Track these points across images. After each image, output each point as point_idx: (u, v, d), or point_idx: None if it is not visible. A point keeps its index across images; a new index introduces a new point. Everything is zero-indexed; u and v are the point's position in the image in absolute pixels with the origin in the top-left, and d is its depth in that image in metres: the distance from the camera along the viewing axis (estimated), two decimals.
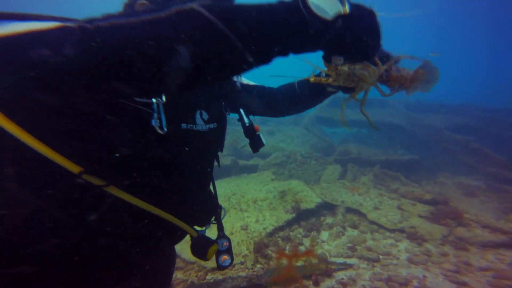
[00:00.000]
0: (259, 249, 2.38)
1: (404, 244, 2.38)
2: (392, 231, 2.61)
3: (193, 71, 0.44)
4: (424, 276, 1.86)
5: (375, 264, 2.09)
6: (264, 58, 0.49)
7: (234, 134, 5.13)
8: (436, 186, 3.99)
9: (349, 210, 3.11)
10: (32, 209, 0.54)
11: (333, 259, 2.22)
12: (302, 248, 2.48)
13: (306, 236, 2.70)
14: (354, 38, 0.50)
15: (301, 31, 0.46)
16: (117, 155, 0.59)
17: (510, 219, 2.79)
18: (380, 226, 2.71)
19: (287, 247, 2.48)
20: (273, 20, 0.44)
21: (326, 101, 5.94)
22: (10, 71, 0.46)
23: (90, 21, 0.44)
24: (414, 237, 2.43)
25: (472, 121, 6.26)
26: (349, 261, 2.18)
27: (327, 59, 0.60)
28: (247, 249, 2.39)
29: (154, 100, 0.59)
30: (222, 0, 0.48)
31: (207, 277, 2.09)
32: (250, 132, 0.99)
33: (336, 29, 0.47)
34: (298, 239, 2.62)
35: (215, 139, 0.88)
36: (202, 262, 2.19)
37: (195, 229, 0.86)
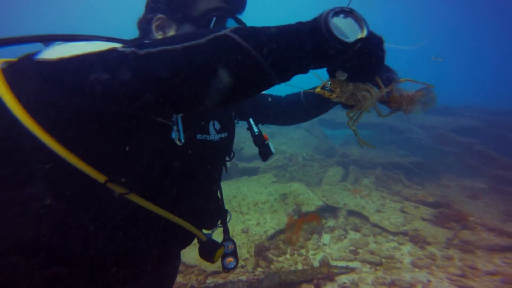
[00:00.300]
0: (260, 252, 2.35)
1: (407, 248, 2.33)
2: (395, 234, 2.57)
3: (227, 91, 0.49)
4: (429, 281, 1.82)
5: (378, 267, 2.05)
6: (287, 78, 0.54)
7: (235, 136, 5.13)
8: (440, 189, 3.94)
9: (351, 212, 3.06)
10: (63, 215, 0.59)
11: (335, 263, 2.18)
12: (303, 251, 2.44)
13: (307, 239, 2.66)
14: (365, 61, 0.56)
15: (323, 54, 0.51)
16: (138, 165, 0.65)
17: None
18: (383, 229, 2.67)
19: (288, 250, 2.45)
20: (299, 45, 0.49)
21: None
22: (69, 91, 0.51)
23: (140, 46, 0.49)
24: (418, 240, 2.39)
25: (476, 123, 6.19)
26: (351, 264, 2.14)
27: (331, 72, 0.64)
28: (248, 252, 2.36)
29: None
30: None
31: (207, 281, 2.07)
32: (260, 141, 1.03)
33: (354, 51, 0.51)
34: (300, 242, 2.58)
35: (226, 148, 0.93)
36: (202, 266, 2.16)
37: (203, 233, 0.90)
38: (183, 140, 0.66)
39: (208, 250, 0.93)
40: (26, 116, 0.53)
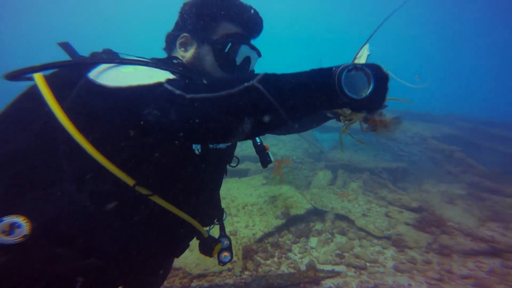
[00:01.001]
0: (248, 255, 2.35)
1: (390, 252, 2.42)
2: (379, 238, 2.65)
3: (249, 133, 0.61)
4: (409, 285, 1.89)
5: (362, 271, 2.11)
6: (298, 121, 0.65)
7: None
8: (422, 194, 4.11)
9: (338, 216, 3.13)
10: (94, 213, 0.70)
11: (321, 267, 2.22)
12: (291, 254, 2.47)
13: (295, 242, 2.69)
14: (368, 105, 0.64)
15: (333, 105, 0.61)
16: (161, 171, 0.76)
17: (490, 227, 2.91)
18: (368, 233, 2.75)
19: (276, 254, 2.46)
20: (315, 99, 0.59)
21: None
22: (124, 119, 0.63)
23: (186, 87, 0.60)
24: (400, 244, 2.48)
25: (457, 131, 6.53)
26: (337, 268, 2.18)
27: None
28: (236, 255, 2.35)
29: None
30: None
31: (192, 284, 2.04)
32: (261, 150, 1.15)
33: (364, 101, 0.59)
34: (287, 245, 2.60)
35: (230, 154, 1.05)
36: (187, 269, 2.13)
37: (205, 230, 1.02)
38: (200, 150, 0.81)
39: (208, 246, 1.06)
40: (72, 127, 0.65)
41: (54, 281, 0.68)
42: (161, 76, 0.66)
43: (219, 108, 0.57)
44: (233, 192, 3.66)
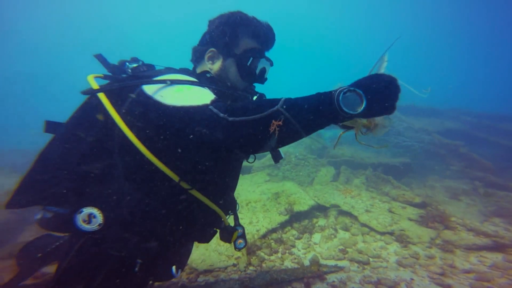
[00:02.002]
0: (252, 251, 2.39)
1: (393, 247, 2.44)
2: (382, 233, 2.67)
3: (275, 146, 0.76)
4: (412, 279, 1.92)
5: (365, 266, 2.14)
6: (311, 134, 0.80)
7: None
8: (426, 189, 4.10)
9: (341, 212, 3.16)
10: (146, 204, 0.88)
11: (325, 262, 2.26)
12: (294, 250, 2.51)
13: (298, 238, 2.73)
14: (374, 111, 0.75)
15: (337, 120, 0.75)
16: (200, 170, 0.92)
17: (494, 222, 2.91)
18: (371, 229, 2.77)
19: (280, 249, 2.51)
20: (322, 116, 0.73)
21: None
22: (179, 131, 0.79)
23: (228, 111, 0.74)
24: (403, 240, 2.50)
25: (461, 126, 6.45)
26: (340, 263, 2.22)
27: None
28: (240, 251, 2.39)
29: None
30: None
31: (199, 279, 2.09)
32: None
33: (359, 115, 0.72)
34: (291, 241, 2.64)
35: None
36: (193, 264, 2.19)
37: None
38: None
39: (228, 233, 1.22)
40: (131, 134, 0.82)
41: (119, 262, 0.85)
42: (205, 96, 0.81)
43: (253, 128, 0.72)
44: (237, 189, 3.70)
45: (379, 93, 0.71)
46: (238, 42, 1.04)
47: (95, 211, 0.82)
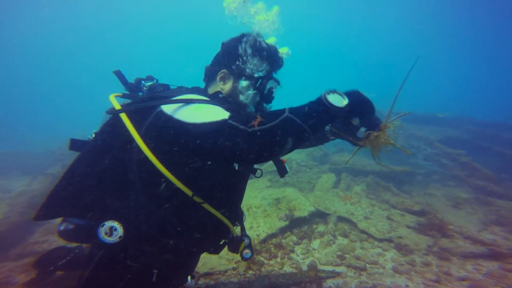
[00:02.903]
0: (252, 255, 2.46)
1: (390, 254, 2.47)
2: (380, 240, 2.71)
3: (289, 149, 0.86)
4: (407, 285, 1.96)
5: (362, 272, 2.18)
6: (316, 133, 0.92)
7: None
8: (426, 197, 4.11)
9: (340, 219, 3.20)
10: (162, 217, 0.94)
11: (323, 267, 2.30)
12: (293, 255, 2.56)
13: (298, 244, 2.78)
14: (358, 111, 0.94)
15: (331, 115, 0.88)
16: (211, 184, 0.99)
17: (493, 230, 2.91)
18: (370, 236, 2.81)
19: (279, 254, 2.56)
20: (320, 115, 0.87)
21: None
22: (197, 147, 0.84)
23: (246, 122, 0.82)
24: (401, 247, 2.53)
25: (464, 135, 6.44)
26: (337, 269, 2.26)
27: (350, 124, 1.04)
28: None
29: None
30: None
31: (199, 282, 2.16)
32: (279, 162, 1.34)
33: (346, 109, 0.87)
34: (290, 246, 2.70)
35: (253, 166, 1.30)
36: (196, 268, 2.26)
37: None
38: (239, 167, 1.07)
39: (236, 244, 1.29)
40: (149, 151, 0.89)
41: (137, 272, 0.91)
42: (222, 112, 0.88)
43: (272, 135, 0.81)
44: None
45: (352, 94, 0.90)
46: (248, 64, 1.13)
47: (116, 224, 0.88)
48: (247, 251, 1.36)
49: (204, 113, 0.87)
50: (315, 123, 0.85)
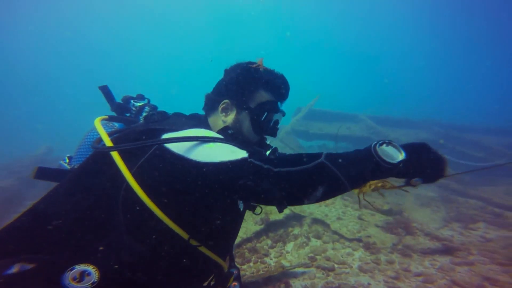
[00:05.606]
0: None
1: (359, 253, 2.58)
2: (350, 240, 2.82)
3: (320, 198, 0.76)
4: (369, 284, 2.05)
5: (330, 273, 2.25)
6: (356, 187, 0.82)
7: None
8: (397, 197, 4.34)
9: (315, 220, 3.29)
10: (153, 259, 0.83)
11: (294, 270, 2.35)
12: (267, 259, 2.59)
13: (272, 247, 2.81)
14: (416, 171, 0.80)
15: (380, 172, 0.76)
16: (210, 227, 0.90)
17: (452, 227, 3.15)
18: (341, 236, 2.91)
19: (253, 258, 2.58)
20: (365, 169, 0.75)
21: (301, 114, 6.26)
22: (213, 189, 0.78)
23: (271, 162, 0.74)
24: (369, 246, 2.65)
25: (433, 136, 6.91)
26: (307, 270, 2.32)
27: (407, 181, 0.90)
28: None
29: None
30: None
31: None
32: None
33: (400, 167, 0.75)
34: (264, 250, 2.72)
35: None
36: None
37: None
38: (242, 207, 1.04)
39: (226, 279, 1.19)
40: (141, 191, 0.77)
41: None
42: (239, 151, 0.81)
43: (301, 179, 0.72)
44: None
45: (416, 149, 0.78)
46: (252, 95, 1.04)
47: (90, 268, 0.73)
48: (235, 283, 1.26)
49: (220, 152, 0.78)
50: (356, 177, 0.74)
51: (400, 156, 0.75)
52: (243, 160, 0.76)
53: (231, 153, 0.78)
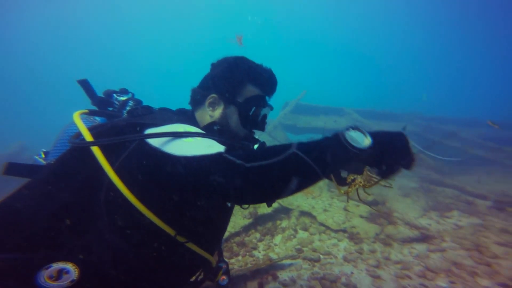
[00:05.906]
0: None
1: (344, 244, 2.68)
2: (336, 231, 2.91)
3: (294, 190, 0.72)
4: (352, 273, 2.15)
5: (316, 264, 2.33)
6: (327, 175, 0.81)
7: None
8: (381, 188, 4.52)
9: (302, 213, 3.36)
10: (137, 257, 0.82)
11: (281, 262, 2.41)
12: (255, 252, 2.63)
13: (260, 240, 2.86)
14: (382, 159, 0.77)
15: (348, 157, 0.73)
16: (196, 223, 0.90)
17: (430, 216, 3.33)
18: (327, 227, 3.00)
19: (241, 252, 2.61)
20: (335, 155, 0.73)
21: (289, 108, 6.23)
22: (186, 183, 0.74)
23: (244, 157, 0.70)
24: (353, 236, 2.76)
25: (415, 128, 7.19)
26: (294, 262, 2.39)
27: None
28: None
29: None
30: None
31: None
32: None
33: (368, 152, 0.73)
34: (252, 244, 2.76)
35: None
36: None
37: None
38: (231, 203, 1.03)
39: (215, 273, 1.21)
40: (124, 188, 0.76)
41: None
42: (216, 145, 0.78)
43: (273, 172, 0.70)
44: None
45: (385, 135, 0.76)
46: (240, 90, 1.03)
47: (69, 266, 0.71)
48: (223, 277, 1.27)
49: (196, 146, 0.76)
50: (328, 164, 0.73)
51: (366, 140, 0.74)
52: (217, 154, 0.73)
53: (208, 147, 0.75)
